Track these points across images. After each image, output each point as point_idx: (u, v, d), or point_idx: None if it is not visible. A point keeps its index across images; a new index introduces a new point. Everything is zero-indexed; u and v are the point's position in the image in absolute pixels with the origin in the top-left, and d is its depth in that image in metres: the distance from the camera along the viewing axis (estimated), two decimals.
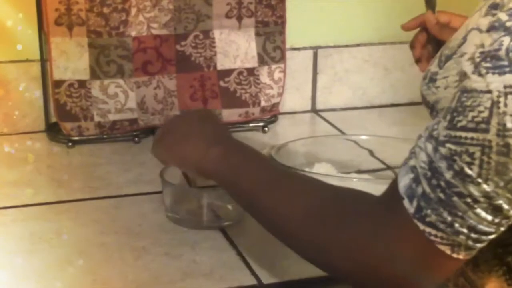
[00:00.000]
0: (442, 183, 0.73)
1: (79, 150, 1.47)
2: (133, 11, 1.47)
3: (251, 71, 1.57)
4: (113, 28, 1.46)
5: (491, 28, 0.73)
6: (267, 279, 1.03)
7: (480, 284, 0.85)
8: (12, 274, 1.04)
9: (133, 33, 1.48)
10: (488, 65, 0.71)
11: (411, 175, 0.76)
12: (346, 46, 1.70)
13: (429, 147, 0.75)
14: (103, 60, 1.47)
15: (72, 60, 1.46)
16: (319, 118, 1.66)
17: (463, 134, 0.72)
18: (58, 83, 1.47)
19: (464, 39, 0.76)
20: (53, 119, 1.52)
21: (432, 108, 0.82)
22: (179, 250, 1.10)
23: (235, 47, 1.55)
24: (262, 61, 1.57)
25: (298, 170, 1.21)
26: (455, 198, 0.73)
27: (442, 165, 0.73)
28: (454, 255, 0.75)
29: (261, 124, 1.59)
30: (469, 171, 0.71)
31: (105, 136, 1.50)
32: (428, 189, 0.74)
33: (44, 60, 1.50)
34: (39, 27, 1.48)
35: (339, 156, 1.33)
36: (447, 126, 0.73)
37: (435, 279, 0.79)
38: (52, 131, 1.52)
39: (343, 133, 1.55)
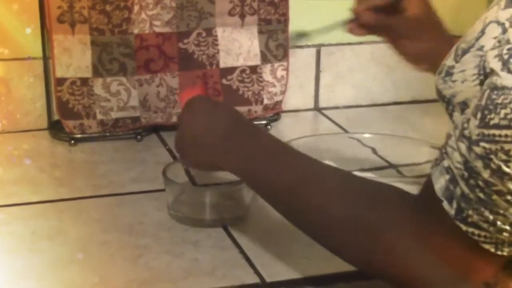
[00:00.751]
0: (481, 183, 0.73)
1: (81, 148, 1.47)
2: (136, 8, 1.46)
3: (253, 69, 1.57)
4: (116, 26, 1.46)
5: None
6: (270, 277, 1.03)
7: (493, 283, 0.85)
8: (13, 273, 1.03)
9: (136, 31, 1.47)
10: None
11: (447, 176, 0.76)
12: (349, 44, 1.70)
13: (463, 146, 0.74)
14: (105, 58, 1.47)
15: (74, 57, 1.46)
16: (322, 116, 1.66)
17: (497, 132, 0.71)
18: (60, 81, 1.47)
19: (482, 32, 0.75)
20: (56, 117, 1.52)
21: (449, 102, 0.81)
22: (181, 248, 1.10)
23: (237, 45, 1.55)
24: (265, 59, 1.57)
25: None
26: (495, 197, 0.72)
27: (478, 164, 0.72)
28: (499, 252, 0.75)
29: (264, 122, 1.59)
30: (506, 169, 0.71)
31: (107, 134, 1.50)
32: (467, 190, 0.74)
33: (47, 57, 1.50)
34: (42, 25, 1.48)
35: (342, 154, 1.32)
36: (479, 124, 0.72)
37: (478, 279, 0.79)
38: (54, 129, 1.52)
39: (346, 131, 1.55)
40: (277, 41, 1.57)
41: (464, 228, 0.75)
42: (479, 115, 0.72)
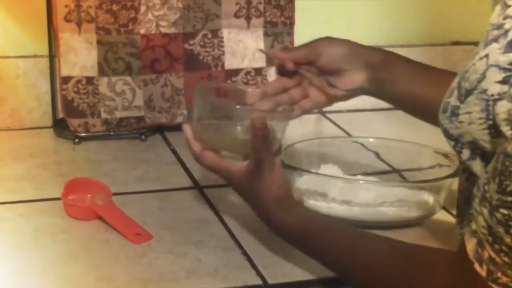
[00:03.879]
0: (504, 248, 0.75)
1: (85, 147, 1.47)
2: (142, 9, 1.47)
3: (258, 71, 1.57)
4: (122, 26, 1.46)
5: None
6: (272, 279, 1.03)
7: None
8: (16, 269, 1.04)
9: (142, 31, 1.48)
10: None
11: (475, 240, 0.78)
12: None
13: (485, 211, 0.76)
14: (111, 57, 1.47)
15: (80, 56, 1.46)
16: (326, 119, 1.66)
17: None
18: (66, 79, 1.47)
19: (483, 75, 0.76)
20: (60, 115, 1.52)
21: (457, 141, 0.82)
22: (184, 248, 1.10)
23: (243, 47, 1.55)
24: (270, 61, 1.57)
25: (304, 171, 1.21)
26: None
27: (501, 230, 0.74)
28: None
29: None
30: None
31: (111, 133, 1.50)
32: (493, 254, 0.76)
33: (53, 55, 1.50)
34: (48, 23, 1.48)
35: (345, 158, 1.32)
36: (498, 190, 0.74)
37: None
38: (59, 127, 1.52)
39: (349, 135, 1.55)
40: (283, 43, 1.58)
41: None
42: (497, 180, 0.74)
